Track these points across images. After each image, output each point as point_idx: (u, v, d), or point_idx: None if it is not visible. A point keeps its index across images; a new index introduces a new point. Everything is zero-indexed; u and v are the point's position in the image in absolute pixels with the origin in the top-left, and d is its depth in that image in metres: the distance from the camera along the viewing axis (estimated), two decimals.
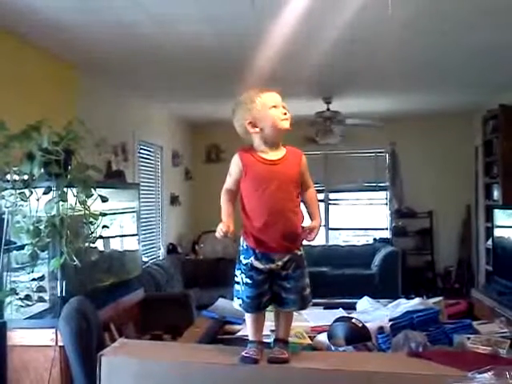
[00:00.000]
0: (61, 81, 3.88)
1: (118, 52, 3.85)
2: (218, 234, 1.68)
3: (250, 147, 1.73)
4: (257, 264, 1.67)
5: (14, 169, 2.73)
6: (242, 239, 1.72)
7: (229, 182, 1.74)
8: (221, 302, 2.63)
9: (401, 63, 4.32)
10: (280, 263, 1.68)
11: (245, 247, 1.70)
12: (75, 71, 4.07)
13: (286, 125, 1.70)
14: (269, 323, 1.82)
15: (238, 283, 1.72)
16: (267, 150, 1.71)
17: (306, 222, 1.74)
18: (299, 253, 1.74)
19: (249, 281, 1.67)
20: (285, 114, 1.70)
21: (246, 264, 1.68)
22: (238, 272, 1.73)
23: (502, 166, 5.17)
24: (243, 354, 1.65)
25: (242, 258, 1.70)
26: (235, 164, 1.71)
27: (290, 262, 1.70)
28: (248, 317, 1.73)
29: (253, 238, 1.67)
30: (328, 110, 5.65)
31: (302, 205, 1.76)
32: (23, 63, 3.42)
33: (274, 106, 1.70)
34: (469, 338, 1.90)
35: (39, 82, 3.57)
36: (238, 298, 1.72)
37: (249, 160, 1.70)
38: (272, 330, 1.88)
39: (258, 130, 1.69)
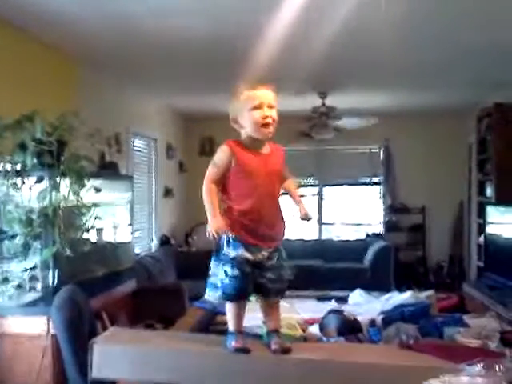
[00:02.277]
0: (56, 72, 3.86)
1: (113, 44, 3.82)
2: (218, 231, 1.63)
3: (238, 140, 1.74)
4: (247, 255, 1.68)
5: (7, 158, 2.72)
6: (227, 231, 1.69)
7: (215, 174, 1.69)
8: None
9: (397, 59, 4.31)
10: (266, 253, 1.70)
11: (231, 240, 1.68)
12: (70, 62, 4.05)
13: (264, 132, 1.67)
14: (255, 314, 1.83)
15: (214, 275, 1.70)
16: (254, 144, 1.71)
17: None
18: (280, 244, 1.77)
19: (237, 273, 1.66)
20: (265, 117, 1.66)
21: (235, 256, 1.67)
22: (218, 264, 1.70)
23: (495, 163, 5.19)
24: (233, 344, 1.65)
25: (228, 250, 1.68)
26: (224, 153, 1.69)
27: (274, 252, 1.72)
28: (233, 308, 1.73)
29: (243, 228, 1.67)
30: (323, 105, 5.64)
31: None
32: (20, 54, 3.39)
33: (257, 107, 1.66)
34: (459, 332, 1.91)
35: (35, 73, 3.54)
36: (216, 290, 1.70)
37: (239, 150, 1.70)
38: (264, 322, 1.88)
39: (240, 126, 1.71)
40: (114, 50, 4.01)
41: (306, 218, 1.76)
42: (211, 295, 1.73)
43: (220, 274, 1.69)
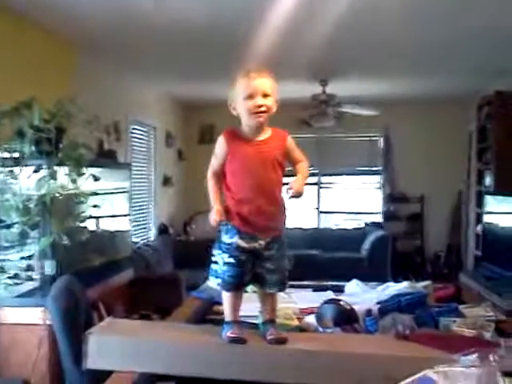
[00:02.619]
0: (54, 58, 3.83)
1: (112, 30, 3.80)
2: (213, 222, 1.67)
3: (236, 128, 1.73)
4: (241, 243, 1.68)
5: (5, 146, 2.71)
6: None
7: (215, 164, 1.74)
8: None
9: (399, 44, 4.28)
10: (263, 242, 1.69)
11: (228, 226, 1.70)
12: (69, 49, 4.02)
13: (255, 120, 1.67)
14: (253, 304, 1.83)
15: (215, 262, 1.73)
16: (251, 131, 1.71)
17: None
18: (281, 234, 1.74)
19: (232, 260, 1.68)
20: (259, 106, 1.66)
21: (230, 243, 1.68)
22: (217, 251, 1.73)
23: (494, 152, 5.18)
24: (229, 334, 1.65)
25: (225, 237, 1.70)
26: (220, 144, 1.72)
27: (273, 242, 1.70)
28: (228, 296, 1.73)
29: (237, 216, 1.67)
30: (324, 92, 5.61)
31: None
32: (18, 39, 3.36)
33: (250, 96, 1.65)
34: (455, 322, 1.91)
35: (32, 59, 3.52)
36: (217, 277, 1.72)
37: (234, 140, 1.70)
38: (261, 312, 1.88)
39: (238, 113, 1.70)
40: (112, 37, 3.98)
41: (295, 195, 1.67)
42: (213, 282, 1.74)
43: (219, 262, 1.71)
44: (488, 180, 5.45)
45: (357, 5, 3.20)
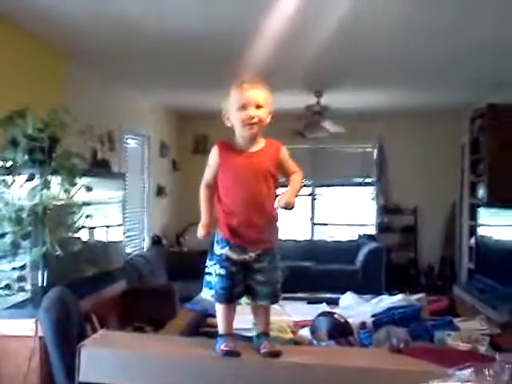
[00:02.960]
0: (48, 68, 3.82)
1: (106, 40, 3.79)
2: (199, 235, 1.72)
3: (230, 139, 1.73)
4: (231, 254, 1.68)
5: None
6: (217, 230, 1.72)
7: (208, 175, 1.75)
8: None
9: (393, 59, 4.31)
10: (253, 255, 1.68)
11: (219, 238, 1.70)
12: (62, 59, 4.01)
13: (248, 132, 1.67)
14: (247, 317, 1.82)
15: (209, 274, 1.73)
16: (244, 142, 1.71)
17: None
18: (273, 246, 1.73)
19: (222, 272, 1.68)
20: (251, 118, 1.65)
21: (221, 255, 1.68)
22: (210, 263, 1.74)
23: (487, 164, 5.21)
24: (222, 347, 1.64)
25: (216, 248, 1.71)
26: (213, 155, 1.73)
27: (264, 254, 1.70)
28: (220, 308, 1.73)
29: (227, 228, 1.67)
30: (318, 103, 5.63)
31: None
32: (10, 48, 3.36)
33: (243, 107, 1.65)
34: (449, 335, 1.91)
35: (26, 68, 3.51)
36: (210, 289, 1.72)
37: (226, 151, 1.71)
38: (255, 324, 1.87)
39: (231, 124, 1.70)
40: (105, 46, 3.98)
41: (286, 206, 1.65)
42: (207, 293, 1.73)
43: (213, 273, 1.71)
44: (481, 192, 5.47)
45: (352, 17, 3.22)
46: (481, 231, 4.52)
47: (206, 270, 1.76)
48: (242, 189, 1.67)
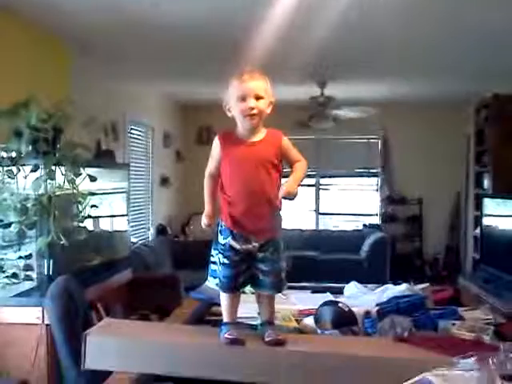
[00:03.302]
0: (53, 59, 3.81)
1: (110, 31, 3.78)
2: (203, 225, 1.73)
3: (232, 130, 1.73)
4: (234, 244, 1.68)
5: (2, 146, 2.70)
6: (220, 219, 1.73)
7: (211, 165, 1.75)
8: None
9: (397, 49, 4.28)
10: (256, 244, 1.68)
11: (223, 227, 1.71)
12: (68, 50, 4.00)
13: (248, 122, 1.67)
14: (251, 305, 1.83)
15: (214, 263, 1.74)
16: (246, 132, 1.70)
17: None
18: (277, 235, 1.73)
19: (226, 261, 1.68)
20: (250, 109, 1.65)
21: (224, 244, 1.69)
22: (214, 252, 1.75)
23: (492, 155, 5.20)
24: (226, 336, 1.65)
25: (220, 238, 1.71)
26: (215, 145, 1.73)
27: (267, 244, 1.69)
28: (224, 297, 1.74)
29: (230, 218, 1.67)
30: (322, 94, 5.61)
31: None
32: (16, 40, 3.35)
33: (242, 98, 1.65)
34: (454, 324, 1.91)
35: (31, 60, 3.51)
36: (215, 278, 1.73)
37: (228, 141, 1.71)
38: (259, 313, 1.88)
39: (232, 115, 1.71)
40: (110, 38, 3.98)
41: (288, 196, 1.64)
42: (212, 281, 1.75)
43: (217, 262, 1.72)
44: (486, 182, 5.46)
45: (356, 8, 3.20)
46: (486, 221, 4.52)
47: (211, 259, 1.77)
48: (243, 178, 1.67)
